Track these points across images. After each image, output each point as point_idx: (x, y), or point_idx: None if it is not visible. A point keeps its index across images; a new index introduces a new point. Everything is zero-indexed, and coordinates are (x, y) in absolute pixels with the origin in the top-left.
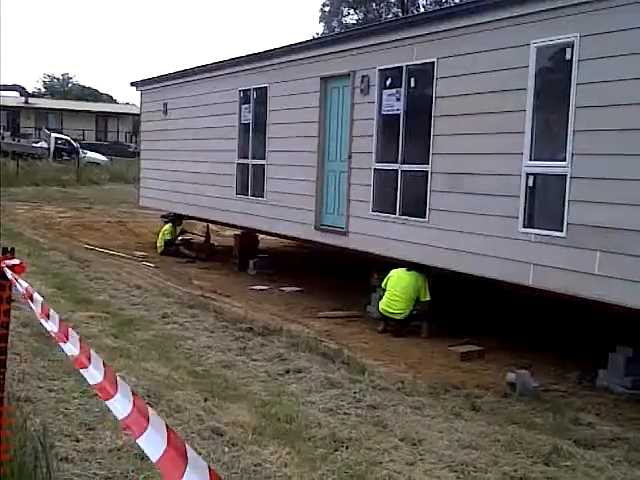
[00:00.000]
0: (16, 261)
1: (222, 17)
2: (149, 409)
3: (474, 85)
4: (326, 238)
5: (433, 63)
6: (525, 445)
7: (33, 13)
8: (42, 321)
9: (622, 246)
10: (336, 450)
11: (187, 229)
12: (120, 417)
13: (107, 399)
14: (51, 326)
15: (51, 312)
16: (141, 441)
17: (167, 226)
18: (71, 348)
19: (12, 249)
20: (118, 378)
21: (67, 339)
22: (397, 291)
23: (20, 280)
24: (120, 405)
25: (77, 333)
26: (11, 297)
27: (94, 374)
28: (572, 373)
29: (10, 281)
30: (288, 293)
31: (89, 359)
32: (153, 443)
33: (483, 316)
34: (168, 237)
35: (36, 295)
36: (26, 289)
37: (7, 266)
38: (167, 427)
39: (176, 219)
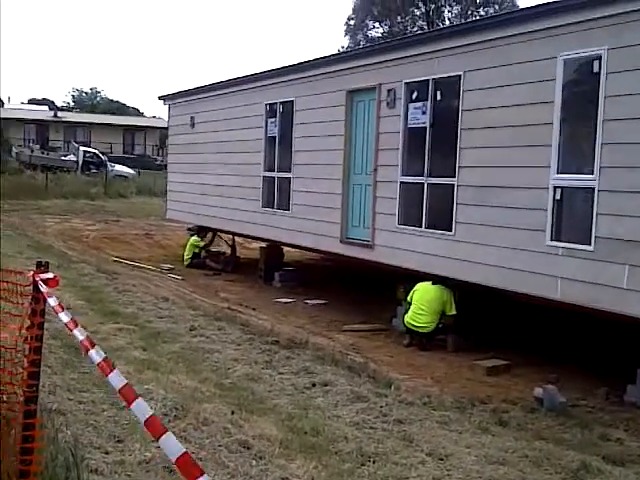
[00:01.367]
0: (50, 275)
1: (248, 31)
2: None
3: (500, 98)
4: (352, 251)
5: (459, 76)
6: (553, 461)
7: (62, 28)
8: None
9: None
10: (363, 464)
11: (213, 242)
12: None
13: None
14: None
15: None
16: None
17: (193, 239)
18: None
19: (47, 263)
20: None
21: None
22: (423, 305)
23: (52, 295)
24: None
25: (106, 345)
26: (45, 310)
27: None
28: (600, 388)
29: (44, 294)
30: (313, 306)
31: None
32: None
33: (509, 330)
34: (194, 250)
35: (62, 314)
36: (59, 304)
37: (41, 280)
38: None
39: (202, 232)
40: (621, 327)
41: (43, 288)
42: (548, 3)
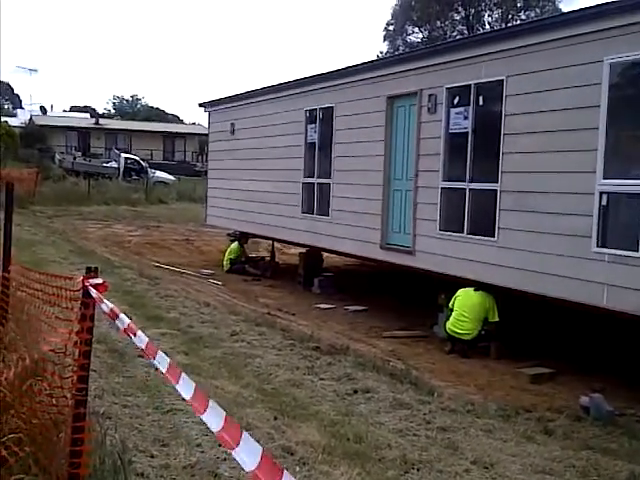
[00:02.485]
0: (99, 280)
1: (288, 38)
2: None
3: (545, 102)
4: (392, 257)
5: (502, 81)
6: (601, 471)
7: (104, 37)
8: (132, 337)
9: None
10: (407, 472)
11: (252, 249)
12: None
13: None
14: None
15: (139, 333)
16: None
17: (234, 245)
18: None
19: (96, 268)
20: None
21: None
22: (465, 311)
23: (105, 300)
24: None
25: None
26: (94, 315)
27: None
28: None
29: (94, 299)
30: (353, 312)
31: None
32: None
33: (553, 337)
34: (233, 256)
35: (122, 316)
36: (111, 309)
37: (91, 285)
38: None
39: (242, 238)
40: None
41: (94, 293)
42: (591, 7)
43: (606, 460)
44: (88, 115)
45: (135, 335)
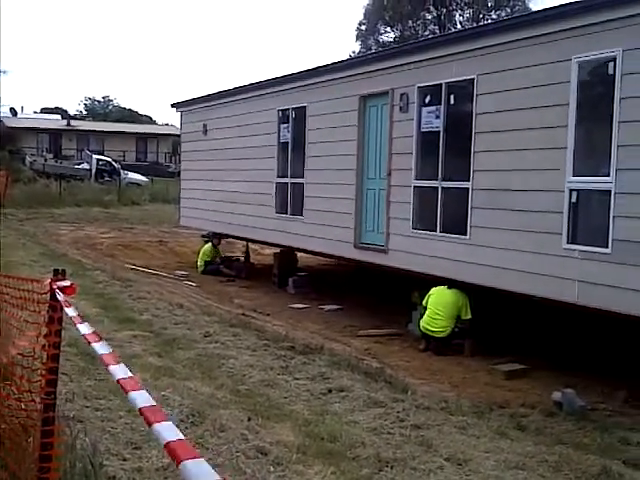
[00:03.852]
0: (67, 282)
1: (259, 37)
2: None
3: (515, 101)
4: (366, 256)
5: (473, 80)
6: (573, 466)
7: (73, 37)
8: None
9: None
10: (381, 470)
11: (227, 249)
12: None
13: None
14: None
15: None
16: None
17: (207, 246)
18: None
19: (63, 270)
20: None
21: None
22: (438, 309)
23: (71, 303)
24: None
25: (121, 352)
26: (62, 318)
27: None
28: (619, 391)
29: (61, 302)
30: (328, 311)
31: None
32: None
33: (526, 334)
34: (207, 257)
35: (81, 326)
36: (78, 315)
37: (58, 287)
38: None
39: (215, 239)
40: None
41: (60, 296)
42: (559, 6)
43: (578, 455)
44: (59, 117)
45: (100, 339)
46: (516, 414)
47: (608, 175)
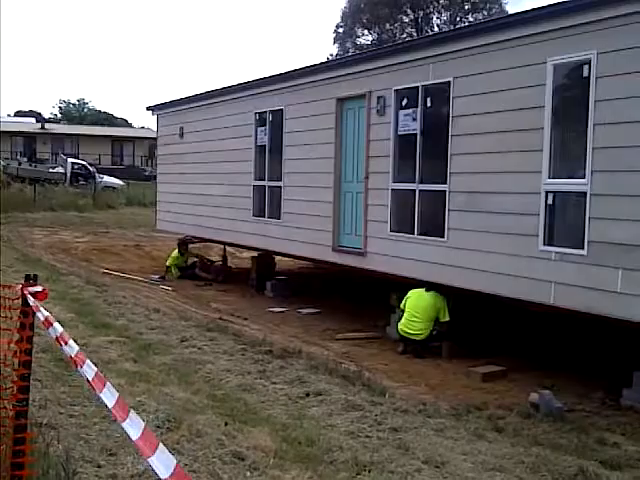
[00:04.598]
0: (39, 288)
1: (237, 40)
2: None
3: (491, 103)
4: (344, 259)
5: (449, 82)
6: (550, 467)
7: (49, 40)
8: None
9: None
10: (358, 474)
11: (204, 253)
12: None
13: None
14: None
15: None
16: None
17: (174, 253)
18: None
19: (35, 276)
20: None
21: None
22: (416, 312)
23: (41, 309)
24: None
25: (96, 358)
26: (34, 324)
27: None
28: (596, 392)
29: (33, 307)
30: (306, 315)
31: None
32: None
33: (504, 336)
34: (178, 262)
35: (56, 324)
36: (46, 318)
37: (30, 293)
38: None
39: (181, 245)
40: (617, 331)
41: (31, 301)
42: (535, 9)
43: (555, 456)
44: (34, 120)
45: (66, 344)
46: (493, 416)
47: (584, 177)
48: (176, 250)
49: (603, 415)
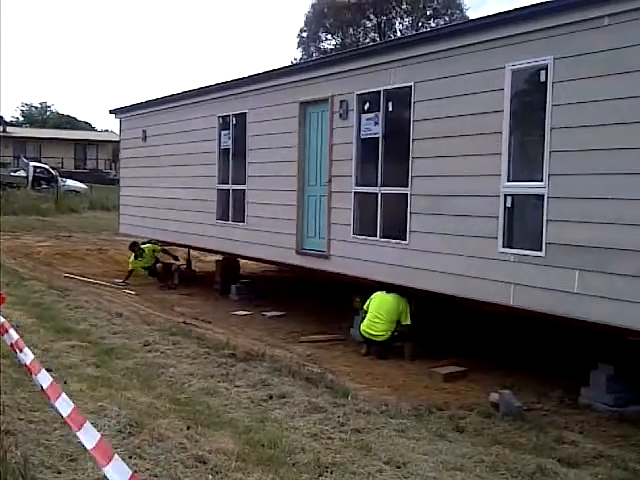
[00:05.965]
0: None
1: (201, 44)
2: None
3: (451, 108)
4: (308, 262)
5: (410, 87)
6: (510, 465)
7: (10, 43)
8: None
9: (600, 264)
10: (320, 475)
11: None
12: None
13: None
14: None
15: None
16: None
17: (132, 258)
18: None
19: None
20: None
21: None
22: (379, 313)
23: None
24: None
25: (58, 363)
26: None
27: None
28: (555, 391)
29: None
30: (270, 318)
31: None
32: None
33: (466, 337)
34: (141, 264)
35: (11, 331)
36: (1, 324)
37: None
38: None
39: (135, 248)
40: (575, 331)
41: None
42: (493, 15)
43: (515, 454)
44: None
45: (21, 351)
46: (454, 416)
47: (541, 180)
48: (133, 255)
49: (562, 414)
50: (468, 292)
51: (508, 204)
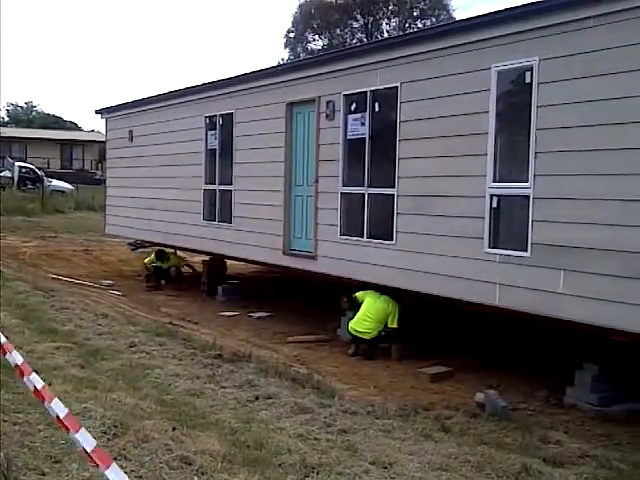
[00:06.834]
0: None
1: (189, 44)
2: None
3: (437, 109)
4: (295, 263)
5: (396, 88)
6: (495, 465)
7: None
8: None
9: (585, 264)
10: (307, 476)
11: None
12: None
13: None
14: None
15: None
16: None
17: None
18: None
19: None
20: None
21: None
22: (369, 312)
23: None
24: None
25: (42, 364)
26: None
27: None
28: (540, 391)
29: None
30: (257, 318)
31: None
32: None
33: (452, 337)
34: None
35: None
36: None
37: None
38: None
39: (161, 254)
40: (560, 331)
41: None
42: (480, 16)
43: (500, 454)
44: None
45: (9, 353)
46: (440, 416)
47: (527, 181)
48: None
49: (547, 413)
50: (454, 292)
51: (494, 205)
